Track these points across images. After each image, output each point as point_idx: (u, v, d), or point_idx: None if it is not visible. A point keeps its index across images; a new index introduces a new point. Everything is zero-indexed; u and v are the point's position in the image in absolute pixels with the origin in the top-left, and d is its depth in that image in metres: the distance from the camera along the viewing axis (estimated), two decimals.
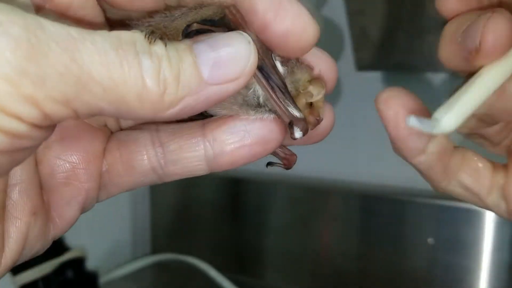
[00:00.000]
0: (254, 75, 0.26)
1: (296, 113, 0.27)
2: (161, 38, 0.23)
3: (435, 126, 0.27)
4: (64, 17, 0.26)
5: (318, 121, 0.29)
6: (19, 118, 0.19)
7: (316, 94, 0.28)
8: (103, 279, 0.82)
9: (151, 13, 0.27)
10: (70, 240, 0.76)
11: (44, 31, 0.20)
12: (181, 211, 0.96)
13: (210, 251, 0.91)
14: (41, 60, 0.19)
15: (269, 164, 0.32)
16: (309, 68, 0.28)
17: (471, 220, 0.66)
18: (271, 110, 0.28)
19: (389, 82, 0.72)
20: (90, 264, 0.79)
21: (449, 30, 0.31)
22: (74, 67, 0.20)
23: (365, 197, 0.76)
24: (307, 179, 0.82)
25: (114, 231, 0.91)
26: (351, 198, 0.78)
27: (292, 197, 0.83)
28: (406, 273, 0.73)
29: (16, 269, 0.65)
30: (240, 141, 0.27)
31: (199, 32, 0.25)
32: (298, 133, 0.28)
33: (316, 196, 0.81)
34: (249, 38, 0.24)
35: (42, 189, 0.27)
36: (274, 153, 0.31)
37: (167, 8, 0.27)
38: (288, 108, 0.27)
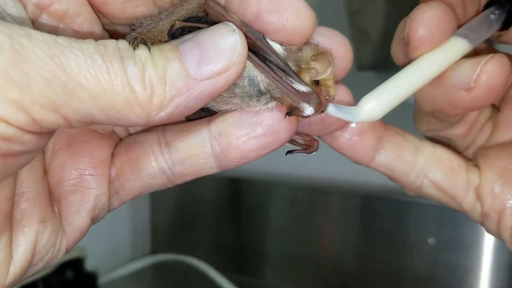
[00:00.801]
0: (250, 60, 0.25)
1: (302, 88, 0.26)
2: (145, 43, 0.23)
3: (357, 114, 0.26)
4: (62, 24, 0.26)
5: (328, 102, 0.27)
6: (6, 121, 0.20)
7: (322, 70, 0.26)
8: (102, 279, 0.82)
9: (140, 19, 0.27)
10: None
11: (30, 39, 0.20)
12: (181, 211, 0.96)
13: (210, 251, 0.91)
14: (27, 67, 0.20)
15: (289, 152, 0.30)
16: (314, 45, 0.27)
17: (472, 220, 0.66)
18: (274, 96, 0.26)
19: None
20: (90, 264, 0.79)
21: (399, 26, 0.30)
22: (61, 74, 0.20)
23: (365, 197, 0.76)
24: (307, 179, 0.81)
25: (113, 231, 0.91)
26: (351, 198, 0.77)
27: (292, 197, 0.83)
28: (407, 273, 0.73)
29: None
30: (247, 134, 0.27)
31: (184, 30, 0.25)
32: (308, 110, 0.26)
33: (316, 196, 0.80)
34: (233, 27, 0.24)
35: (51, 198, 0.27)
36: (293, 142, 0.30)
37: (160, 12, 0.27)
38: (292, 85, 0.25)
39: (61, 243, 0.27)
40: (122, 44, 0.22)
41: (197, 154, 0.28)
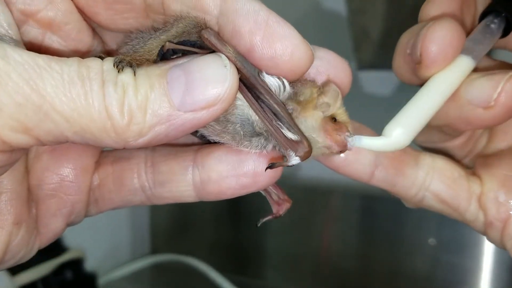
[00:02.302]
0: (243, 95, 0.24)
1: (290, 135, 0.24)
2: (131, 65, 0.22)
3: (385, 144, 0.26)
4: (49, 31, 0.25)
5: (350, 136, 0.25)
6: None
7: (333, 102, 0.25)
8: (102, 280, 0.82)
9: (131, 34, 0.26)
10: (68, 240, 0.75)
11: (7, 61, 0.20)
12: (181, 211, 0.96)
13: (210, 251, 0.91)
14: None
15: (258, 223, 0.30)
16: (312, 81, 0.25)
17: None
18: (268, 139, 0.25)
19: (389, 81, 0.72)
20: (89, 265, 0.79)
21: (401, 42, 0.29)
22: (35, 97, 0.20)
23: (365, 197, 0.76)
24: (307, 179, 0.81)
25: (113, 231, 0.90)
26: (351, 198, 0.77)
27: (292, 197, 0.82)
28: (407, 273, 0.73)
29: (15, 270, 0.65)
30: (228, 171, 0.26)
31: (176, 52, 0.23)
32: (294, 160, 0.24)
33: (316, 196, 0.80)
34: (226, 61, 0.22)
35: (29, 199, 0.27)
36: (266, 193, 0.29)
37: (154, 27, 0.26)
38: (281, 130, 0.24)
39: (34, 243, 0.27)
40: (107, 65, 0.22)
41: (178, 180, 0.27)
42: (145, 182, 0.28)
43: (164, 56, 0.24)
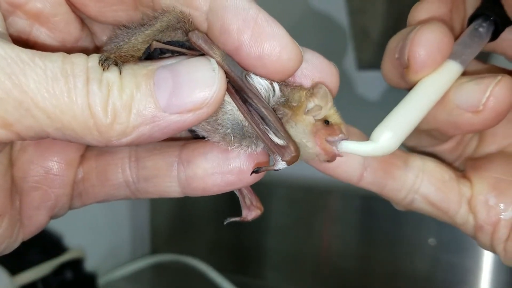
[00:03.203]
0: (231, 97, 0.24)
1: (277, 140, 0.24)
2: (116, 63, 0.21)
3: (373, 149, 0.25)
4: (37, 23, 0.25)
5: (343, 140, 0.25)
6: None
7: (324, 103, 0.25)
8: (102, 280, 0.82)
9: (117, 30, 0.25)
10: (68, 240, 0.75)
11: None
12: (181, 211, 0.96)
13: (210, 251, 0.91)
14: None
15: (225, 220, 0.30)
16: (300, 85, 0.25)
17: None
18: (257, 143, 0.25)
19: None
20: (89, 265, 0.79)
21: (389, 46, 0.29)
22: (16, 92, 0.20)
23: (365, 197, 0.76)
24: (307, 179, 0.81)
25: (113, 231, 0.90)
26: (351, 198, 0.77)
27: (292, 197, 0.82)
28: (407, 273, 0.73)
29: (15, 270, 0.65)
30: (213, 168, 0.26)
31: (163, 52, 0.23)
32: (280, 164, 0.24)
33: (316, 196, 0.80)
34: (214, 65, 0.22)
35: (13, 191, 0.27)
36: (240, 195, 0.29)
37: (142, 20, 0.25)
38: (268, 134, 0.24)
39: (18, 235, 0.27)
40: (92, 62, 0.21)
41: (163, 175, 0.27)
42: (129, 177, 0.28)
43: (151, 55, 0.23)
